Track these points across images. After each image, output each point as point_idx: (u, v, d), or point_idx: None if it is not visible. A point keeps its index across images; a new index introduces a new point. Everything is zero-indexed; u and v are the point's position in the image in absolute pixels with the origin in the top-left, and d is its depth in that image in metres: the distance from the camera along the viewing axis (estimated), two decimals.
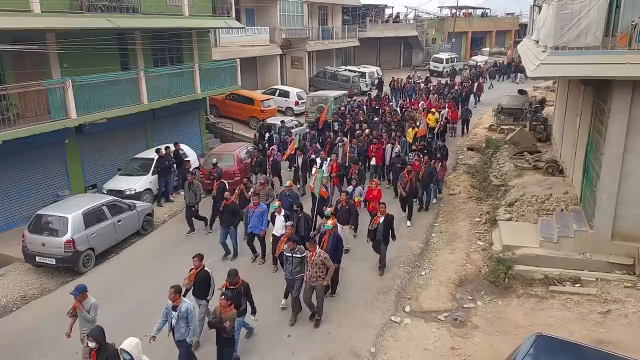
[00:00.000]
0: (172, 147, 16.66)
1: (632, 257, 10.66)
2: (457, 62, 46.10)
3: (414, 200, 14.66)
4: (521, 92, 27.02)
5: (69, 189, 15.67)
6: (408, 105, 25.66)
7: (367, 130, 18.99)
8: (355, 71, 35.07)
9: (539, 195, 13.79)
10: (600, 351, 7.09)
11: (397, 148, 16.44)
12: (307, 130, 20.88)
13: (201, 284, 8.92)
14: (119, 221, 13.04)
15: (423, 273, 11.71)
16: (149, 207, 14.54)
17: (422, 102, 26.15)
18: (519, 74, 40.27)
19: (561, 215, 12.36)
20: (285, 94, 27.61)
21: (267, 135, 20.03)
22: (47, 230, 11.95)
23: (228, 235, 12.37)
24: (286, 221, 11.13)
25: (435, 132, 21.14)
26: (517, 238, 11.99)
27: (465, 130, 24.36)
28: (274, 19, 30.58)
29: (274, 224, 11.54)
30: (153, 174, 16.04)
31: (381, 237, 11.15)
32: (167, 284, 8.12)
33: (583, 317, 9.53)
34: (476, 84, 32.47)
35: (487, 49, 53.01)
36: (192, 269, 8.96)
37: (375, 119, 21.92)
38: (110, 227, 12.83)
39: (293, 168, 17.29)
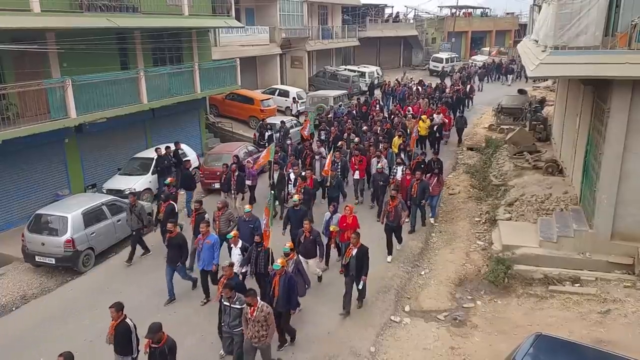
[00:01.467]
0: (173, 147, 16.66)
1: (632, 256, 10.67)
2: (457, 61, 46.08)
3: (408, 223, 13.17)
4: (521, 91, 27.03)
5: (69, 188, 15.67)
6: (398, 110, 23.80)
7: (356, 139, 17.55)
8: (355, 71, 35.06)
9: (538, 195, 13.79)
10: (599, 351, 7.09)
11: (381, 163, 14.80)
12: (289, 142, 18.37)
13: (121, 339, 7.39)
14: (118, 221, 13.03)
15: (423, 273, 11.71)
16: (148, 206, 14.55)
17: (409, 107, 24.47)
18: (509, 76, 39.66)
19: (561, 215, 12.36)
20: (285, 94, 27.61)
21: (267, 134, 20.02)
22: (47, 230, 11.95)
23: (181, 273, 10.59)
24: (243, 254, 9.80)
25: (427, 140, 20.18)
26: (517, 238, 11.99)
27: (460, 140, 22.63)
28: (274, 18, 30.56)
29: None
30: (153, 173, 16.04)
31: (354, 272, 9.59)
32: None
33: (582, 317, 9.54)
34: (468, 87, 30.73)
35: (487, 48, 53.00)
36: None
37: (364, 127, 19.82)
38: (110, 227, 12.82)
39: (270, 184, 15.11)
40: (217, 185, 14.74)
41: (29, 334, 9.80)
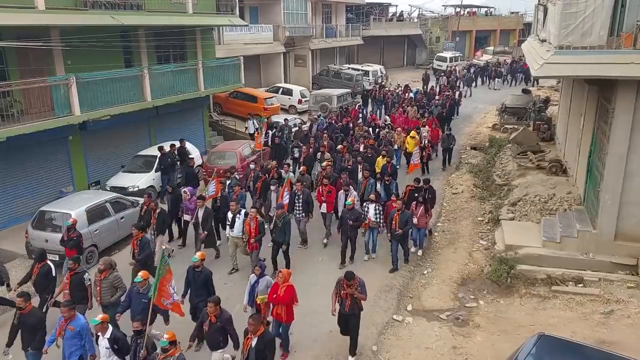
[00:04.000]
0: (178, 144, 16.69)
1: (635, 257, 10.64)
2: (460, 60, 45.94)
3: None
4: (525, 91, 26.95)
5: (73, 185, 15.73)
6: (380, 122, 21.07)
7: (324, 163, 14.58)
8: (358, 69, 35.00)
9: (542, 195, 13.75)
10: (602, 351, 7.07)
11: (351, 198, 11.77)
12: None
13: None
14: (122, 218, 13.06)
15: (425, 272, 11.71)
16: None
17: (386, 117, 21.94)
18: (497, 80, 36.75)
19: (564, 215, 12.33)
20: (288, 92, 27.61)
21: (270, 133, 20.02)
22: (51, 227, 12.00)
23: None
24: (114, 348, 7.29)
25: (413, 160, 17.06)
26: (520, 237, 11.96)
27: (447, 163, 19.03)
28: (278, 16, 30.53)
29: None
30: (156, 171, 16.08)
31: None
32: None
33: (585, 317, 9.52)
34: (457, 93, 28.40)
35: (491, 47, 52.83)
36: None
37: (339, 146, 16.48)
38: (113, 224, 12.86)
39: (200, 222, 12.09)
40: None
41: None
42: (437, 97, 26.71)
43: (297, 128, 20.80)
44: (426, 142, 18.05)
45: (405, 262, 11.85)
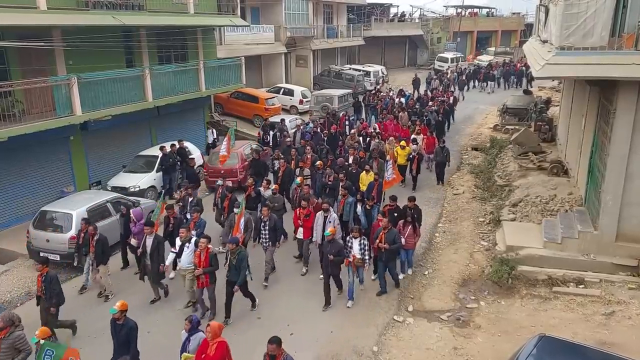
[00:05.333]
0: (177, 145, 16.69)
1: (637, 258, 10.62)
2: (461, 61, 45.91)
3: None
4: (526, 92, 26.94)
5: (74, 185, 15.75)
6: (371, 131, 18.94)
7: (297, 179, 13.24)
8: (359, 70, 35.01)
9: (543, 196, 13.74)
10: (603, 352, 7.06)
11: (330, 228, 10.05)
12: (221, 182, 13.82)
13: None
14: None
15: (426, 273, 11.70)
16: (153, 204, 14.58)
17: (374, 125, 20.02)
18: (489, 83, 35.54)
19: (565, 216, 12.32)
20: (289, 93, 27.63)
21: (271, 133, 20.03)
22: (52, 227, 12.02)
23: None
24: None
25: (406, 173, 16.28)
26: (521, 238, 11.95)
27: (440, 182, 17.08)
28: (279, 17, 30.55)
29: None
30: (157, 171, 16.09)
31: None
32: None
33: (586, 318, 9.51)
34: (452, 98, 26.60)
35: (493, 48, 52.82)
36: None
37: (318, 162, 14.65)
38: (114, 224, 12.82)
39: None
40: (220, 182, 14.17)
41: (33, 329, 9.76)
42: (430, 103, 24.66)
43: (295, 128, 20.41)
44: (415, 153, 16.22)
45: (396, 286, 10.76)
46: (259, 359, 6.83)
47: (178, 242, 9.90)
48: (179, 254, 9.77)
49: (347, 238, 10.18)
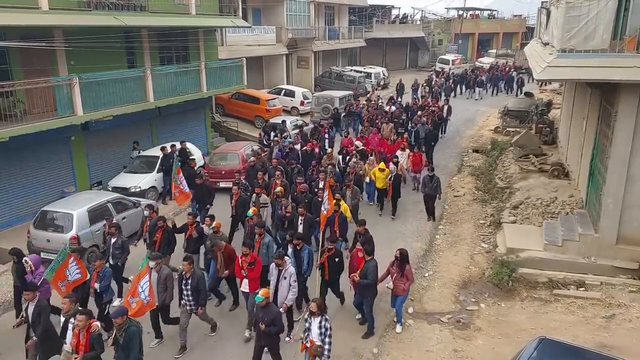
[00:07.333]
0: (178, 145, 16.70)
1: (637, 261, 10.62)
2: (463, 63, 45.92)
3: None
4: (527, 94, 26.93)
5: (75, 185, 15.75)
6: (352, 149, 16.47)
7: (251, 211, 11.01)
8: (361, 72, 35.04)
9: (544, 198, 13.74)
10: (603, 356, 7.04)
11: (263, 291, 7.93)
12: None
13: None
14: (123, 218, 13.05)
15: (426, 275, 11.69)
16: (153, 204, 14.58)
17: (356, 141, 17.36)
18: (477, 89, 33.67)
19: (566, 218, 12.31)
20: (290, 94, 27.66)
21: (272, 134, 20.03)
22: (52, 227, 12.02)
23: None
24: None
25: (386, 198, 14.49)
26: (522, 241, 11.95)
27: (431, 218, 14.32)
28: (281, 18, 30.59)
29: None
30: (158, 171, 16.09)
31: None
32: None
33: (587, 321, 9.50)
34: (445, 107, 23.65)
35: (494, 50, 52.84)
36: None
37: (279, 188, 12.37)
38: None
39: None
40: (222, 184, 13.86)
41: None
42: (419, 113, 21.56)
43: (297, 129, 20.21)
44: (392, 175, 14.27)
45: (369, 334, 9.34)
46: None
47: (61, 318, 7.66)
48: (63, 332, 7.49)
49: (305, 316, 7.83)
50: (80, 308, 7.60)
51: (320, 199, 11.56)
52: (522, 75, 35.72)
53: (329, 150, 17.38)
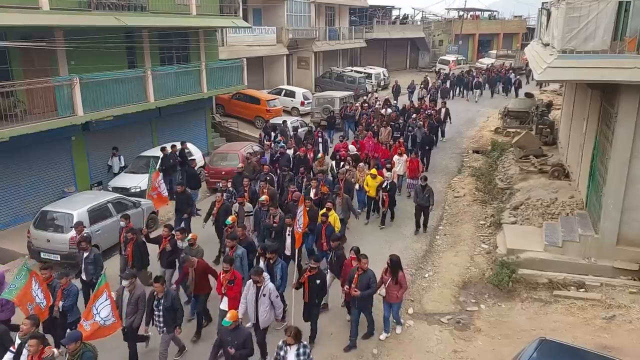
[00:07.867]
0: (179, 145, 16.70)
1: (638, 262, 10.61)
2: (463, 64, 45.92)
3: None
4: (528, 95, 26.93)
5: (75, 185, 15.76)
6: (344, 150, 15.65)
7: (234, 220, 10.54)
8: (361, 72, 35.05)
9: (544, 199, 13.73)
10: (603, 357, 7.04)
11: (232, 314, 7.30)
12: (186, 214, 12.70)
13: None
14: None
15: (427, 275, 11.69)
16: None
17: (350, 145, 16.76)
18: (475, 91, 32.93)
19: (566, 219, 12.30)
20: (291, 94, 27.67)
21: (272, 134, 20.04)
22: (53, 227, 12.02)
23: None
24: None
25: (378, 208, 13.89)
26: (522, 242, 11.94)
27: (422, 227, 13.56)
28: (281, 19, 30.62)
29: None
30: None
31: None
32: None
33: (587, 322, 9.49)
34: (443, 111, 22.43)
35: (494, 51, 52.84)
36: None
37: (264, 197, 11.58)
38: (115, 224, 12.80)
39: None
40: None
41: None
42: (415, 116, 20.74)
43: (299, 130, 20.05)
44: (387, 183, 13.48)
45: (369, 334, 9.21)
46: None
47: (17, 339, 6.97)
48: (16, 356, 6.84)
49: (280, 344, 6.97)
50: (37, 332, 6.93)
51: (311, 209, 10.94)
52: (520, 77, 35.71)
53: (320, 155, 16.31)
